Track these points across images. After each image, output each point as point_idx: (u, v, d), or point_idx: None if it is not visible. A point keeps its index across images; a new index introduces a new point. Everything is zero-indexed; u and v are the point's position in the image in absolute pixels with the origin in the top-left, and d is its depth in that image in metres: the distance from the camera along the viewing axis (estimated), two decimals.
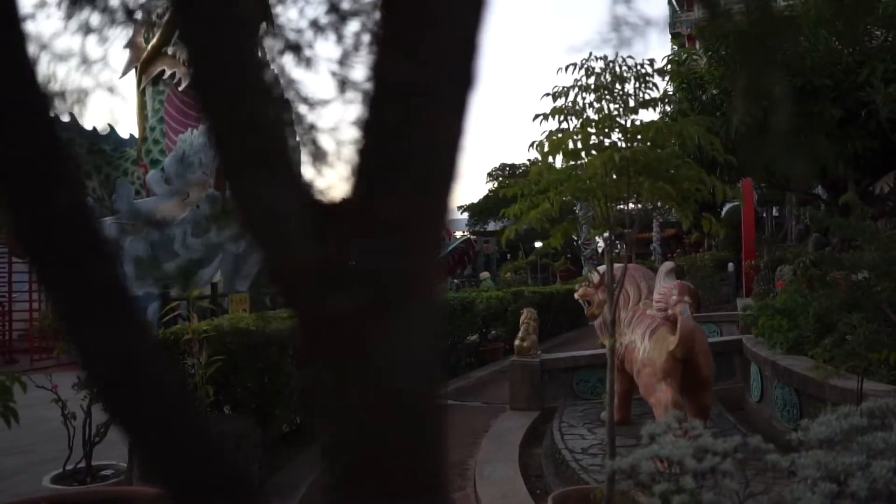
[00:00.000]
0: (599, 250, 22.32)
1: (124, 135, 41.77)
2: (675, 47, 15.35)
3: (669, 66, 10.03)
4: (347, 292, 0.58)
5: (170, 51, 37.12)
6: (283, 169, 0.62)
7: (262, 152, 0.61)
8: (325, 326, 0.61)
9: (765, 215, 21.22)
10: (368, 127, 0.58)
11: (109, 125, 41.59)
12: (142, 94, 40.00)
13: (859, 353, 4.81)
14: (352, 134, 0.65)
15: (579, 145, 3.48)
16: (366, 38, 1.07)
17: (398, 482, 0.64)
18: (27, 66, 0.65)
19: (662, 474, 2.84)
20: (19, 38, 0.66)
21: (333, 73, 1.16)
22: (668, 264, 6.41)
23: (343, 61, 1.07)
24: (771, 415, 6.79)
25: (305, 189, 0.62)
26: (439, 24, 0.57)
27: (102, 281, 0.67)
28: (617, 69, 3.54)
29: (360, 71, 1.31)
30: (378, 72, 0.58)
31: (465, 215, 41.73)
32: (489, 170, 52.85)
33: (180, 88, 37.05)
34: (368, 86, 0.58)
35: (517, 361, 8.48)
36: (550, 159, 3.74)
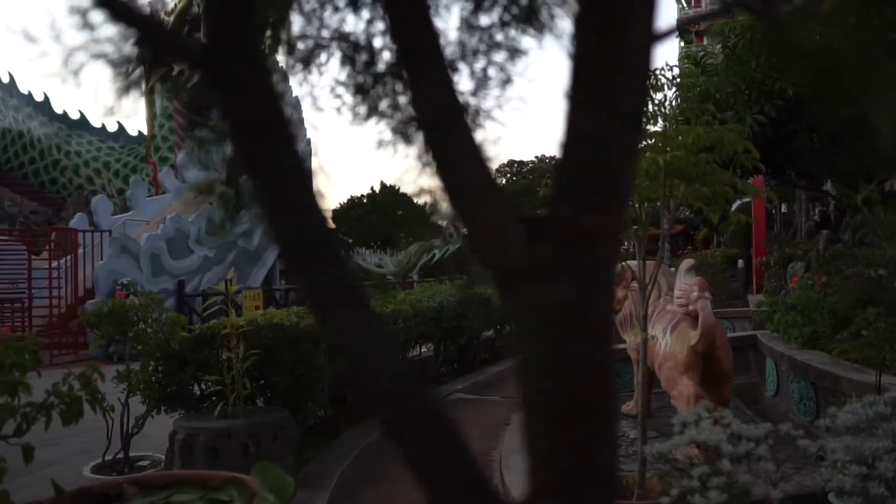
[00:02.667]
0: None
1: (132, 132, 41.87)
2: (683, 44, 15.43)
3: (683, 63, 10.13)
4: (555, 285, 0.76)
5: None
6: (498, 193, 0.81)
7: (483, 182, 0.80)
8: (535, 312, 0.79)
9: (774, 212, 21.36)
10: (567, 163, 0.77)
11: (118, 122, 41.70)
12: (150, 92, 40.14)
13: (877, 346, 4.98)
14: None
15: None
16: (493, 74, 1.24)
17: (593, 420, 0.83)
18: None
19: (698, 458, 3.03)
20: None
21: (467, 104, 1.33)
22: (689, 261, 6.58)
23: (475, 93, 1.24)
24: (787, 408, 6.96)
25: (515, 207, 0.80)
26: (621, 95, 0.75)
27: (341, 279, 0.85)
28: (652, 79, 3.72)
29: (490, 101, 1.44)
30: (574, 124, 0.77)
31: None
32: (497, 166, 52.93)
33: (189, 86, 37.23)
34: (564, 131, 0.77)
35: None
36: None
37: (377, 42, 1.39)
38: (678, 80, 3.82)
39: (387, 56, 1.37)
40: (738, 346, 8.62)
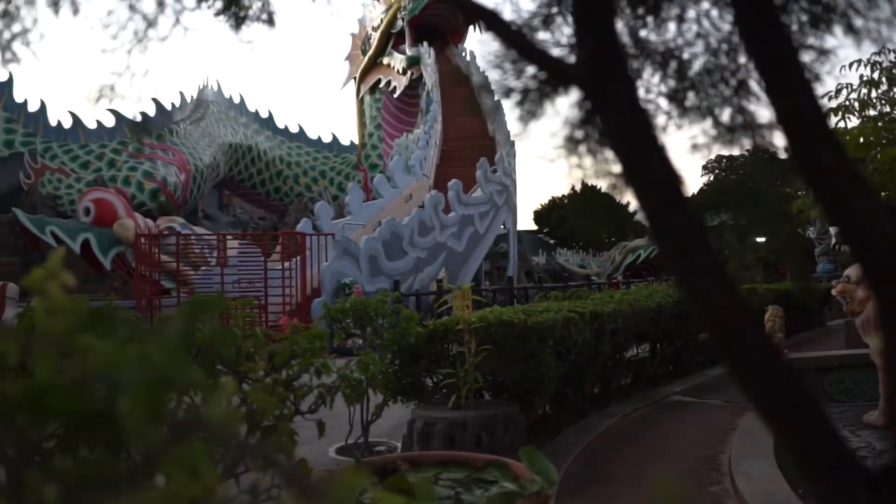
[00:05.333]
0: (835, 245, 20.87)
1: (345, 142, 44.63)
2: None
3: None
4: None
5: (384, 61, 39.42)
6: (866, 186, 0.86)
7: (851, 176, 0.86)
8: None
9: None
10: None
11: (332, 133, 44.56)
12: (360, 102, 42.66)
13: None
14: None
15: (871, 139, 3.46)
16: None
17: None
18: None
19: None
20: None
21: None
22: None
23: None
24: None
25: (889, 204, 0.85)
26: None
27: (711, 261, 0.95)
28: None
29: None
30: None
31: None
32: (704, 162, 50.74)
33: (395, 95, 39.14)
34: None
35: None
36: None
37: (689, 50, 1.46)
38: None
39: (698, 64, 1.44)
40: None
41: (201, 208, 36.25)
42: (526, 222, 48.13)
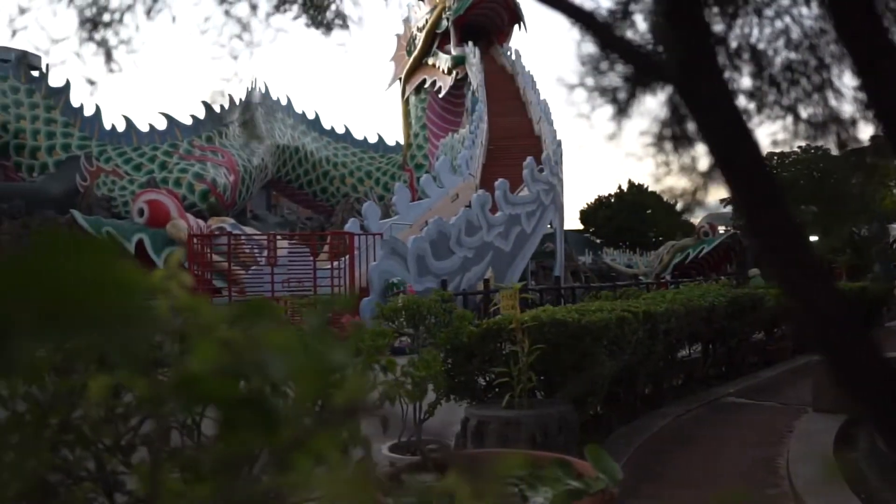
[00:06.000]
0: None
1: (390, 142, 44.93)
2: None
3: None
4: None
5: (430, 61, 39.58)
6: None
7: None
8: None
9: None
10: None
11: (378, 134, 44.90)
12: (406, 103, 42.90)
13: None
14: None
15: None
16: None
17: None
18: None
19: None
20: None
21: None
22: None
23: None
24: None
25: None
26: None
27: (807, 259, 0.95)
28: None
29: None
30: None
31: (729, 209, 39.79)
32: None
33: (440, 96, 39.27)
34: None
35: None
36: None
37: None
38: None
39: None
40: None
41: (249, 209, 36.83)
42: (572, 221, 47.81)
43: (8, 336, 0.39)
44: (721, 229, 31.48)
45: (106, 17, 1.67)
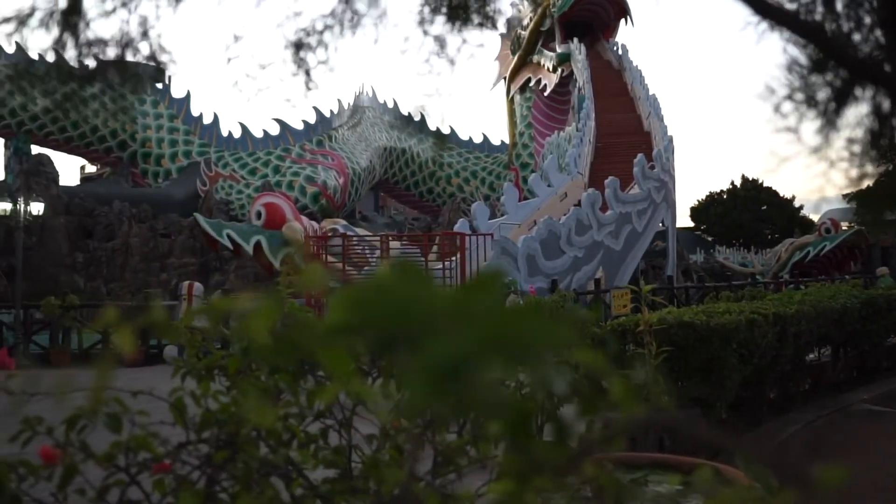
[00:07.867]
0: None
1: (495, 142, 45.03)
2: None
3: None
4: None
5: (534, 59, 39.36)
6: None
7: None
8: None
9: None
10: None
11: (483, 133, 45.09)
12: (510, 102, 42.86)
13: None
14: None
15: None
16: None
17: None
18: None
19: None
20: None
21: None
22: None
23: None
24: None
25: None
26: None
27: None
28: None
29: None
30: None
31: (852, 204, 37.64)
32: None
33: (545, 94, 39.01)
34: None
35: None
36: None
37: None
38: None
39: None
40: None
41: (358, 210, 37.69)
42: (682, 219, 46.50)
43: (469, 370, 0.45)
44: (844, 226, 29.77)
45: (311, 40, 1.78)
